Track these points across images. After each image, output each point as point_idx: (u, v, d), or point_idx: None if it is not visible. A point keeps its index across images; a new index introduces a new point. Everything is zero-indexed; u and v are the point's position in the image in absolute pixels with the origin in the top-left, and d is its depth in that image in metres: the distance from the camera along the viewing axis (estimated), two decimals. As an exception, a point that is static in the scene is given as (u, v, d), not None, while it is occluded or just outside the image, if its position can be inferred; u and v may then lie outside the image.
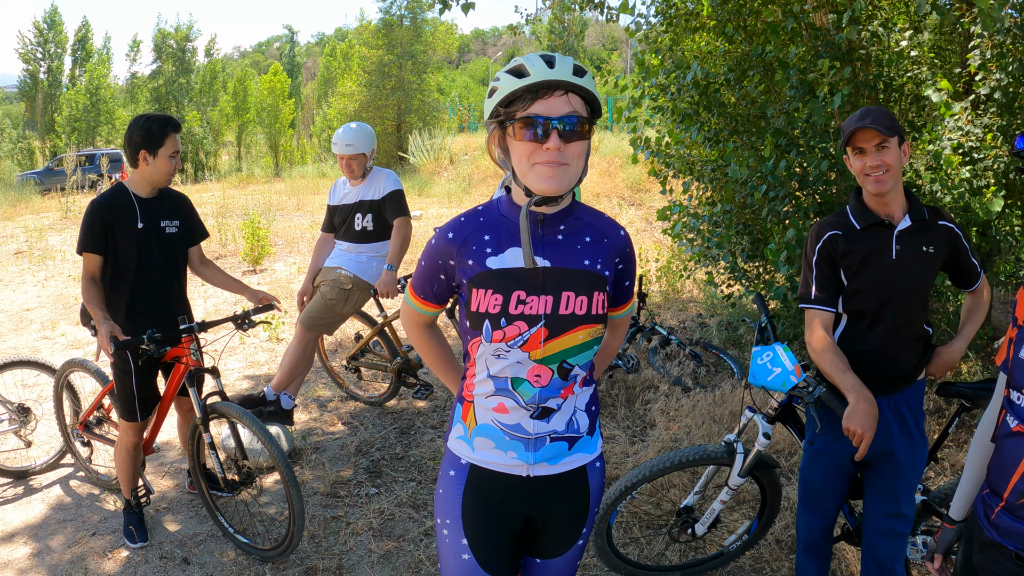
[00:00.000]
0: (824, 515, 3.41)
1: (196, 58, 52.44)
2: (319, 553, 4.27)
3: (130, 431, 4.30)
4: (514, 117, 1.97)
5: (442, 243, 2.15)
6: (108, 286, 4.09)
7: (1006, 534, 2.17)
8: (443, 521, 2.25)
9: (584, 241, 2.15)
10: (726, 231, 6.42)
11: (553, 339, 2.08)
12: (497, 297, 2.06)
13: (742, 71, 5.98)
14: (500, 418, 2.15)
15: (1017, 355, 2.18)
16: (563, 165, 1.97)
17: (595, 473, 2.31)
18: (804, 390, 3.13)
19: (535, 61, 1.96)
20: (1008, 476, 2.17)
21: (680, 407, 5.89)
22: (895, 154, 2.93)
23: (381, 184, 5.51)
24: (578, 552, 2.37)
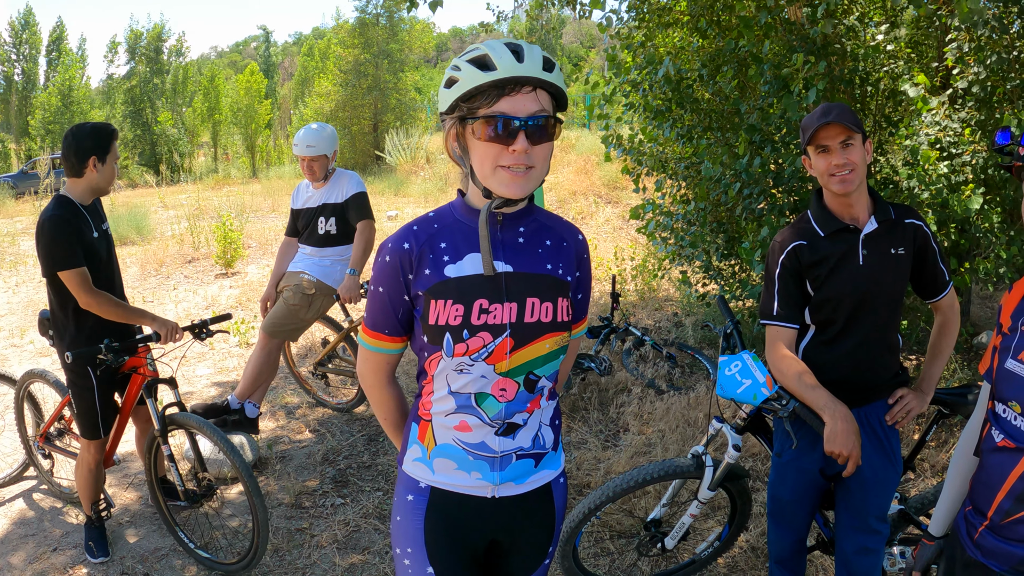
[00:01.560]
0: (795, 530, 3.30)
1: (169, 58, 52.06)
2: (282, 567, 4.15)
3: (93, 448, 4.16)
4: (476, 115, 1.82)
5: (398, 257, 1.96)
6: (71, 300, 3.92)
7: (990, 554, 2.09)
8: (403, 550, 2.10)
9: (545, 244, 2.03)
10: (700, 229, 6.35)
11: (519, 349, 1.95)
12: (458, 307, 1.92)
13: (716, 66, 5.93)
14: (462, 437, 2.01)
15: (1003, 365, 2.08)
16: (529, 168, 1.84)
17: (559, 489, 2.20)
18: (777, 402, 3.00)
19: (502, 53, 1.79)
20: (993, 494, 2.08)
21: (654, 410, 5.79)
22: (860, 152, 2.80)
23: (344, 187, 5.38)
24: (543, 571, 2.26)
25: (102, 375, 4.02)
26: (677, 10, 6.85)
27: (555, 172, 20.11)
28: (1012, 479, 2.01)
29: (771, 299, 3.02)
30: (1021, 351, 2.02)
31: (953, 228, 5.55)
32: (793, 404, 2.93)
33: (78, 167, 3.84)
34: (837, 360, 2.96)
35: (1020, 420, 2.00)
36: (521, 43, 1.82)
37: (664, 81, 6.04)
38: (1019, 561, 2.02)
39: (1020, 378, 2.00)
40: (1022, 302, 2.11)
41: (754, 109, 5.53)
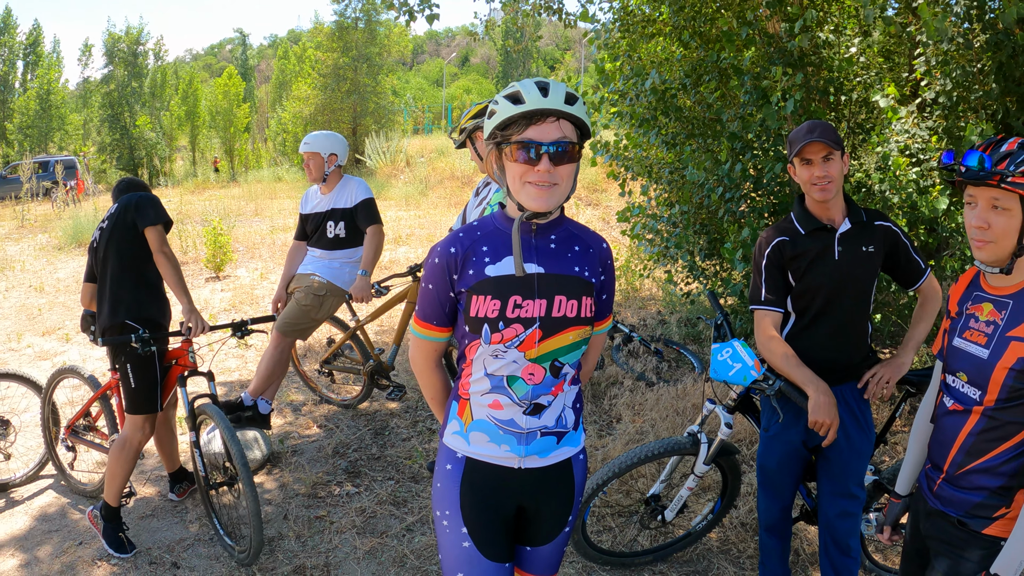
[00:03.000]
0: (781, 497, 3.66)
1: (147, 61, 51.88)
2: (306, 552, 4.42)
3: (145, 426, 4.46)
4: (509, 140, 2.17)
5: (445, 258, 2.30)
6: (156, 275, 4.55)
7: (948, 503, 2.47)
8: (442, 513, 2.41)
9: (574, 250, 2.35)
10: (684, 231, 6.64)
11: (547, 339, 2.27)
12: (495, 302, 2.24)
13: (698, 76, 6.18)
14: (495, 414, 2.33)
15: (951, 343, 2.53)
16: (553, 185, 2.17)
17: (579, 465, 2.51)
18: (764, 383, 3.37)
19: (530, 88, 2.14)
20: (947, 450, 2.49)
21: (644, 401, 6.11)
22: (838, 166, 3.21)
23: (352, 193, 5.67)
24: (565, 539, 2.56)
25: (160, 349, 4.45)
26: (661, 21, 7.14)
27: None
28: (962, 436, 2.44)
29: (759, 287, 3.43)
30: (966, 330, 2.46)
31: (922, 229, 5.88)
32: (779, 384, 3.32)
33: None
34: (815, 343, 3.36)
35: (967, 387, 2.42)
36: (549, 81, 2.17)
37: (650, 91, 6.33)
38: (972, 506, 2.40)
39: (964, 352, 2.45)
40: (966, 291, 2.54)
41: (735, 118, 5.78)
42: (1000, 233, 2.31)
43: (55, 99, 47.70)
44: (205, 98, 52.88)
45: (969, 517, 2.42)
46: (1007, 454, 2.35)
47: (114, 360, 4.52)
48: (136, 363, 4.39)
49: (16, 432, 5.50)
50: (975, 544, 2.41)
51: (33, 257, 14.70)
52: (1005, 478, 2.35)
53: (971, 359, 2.42)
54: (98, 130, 48.18)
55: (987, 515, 2.38)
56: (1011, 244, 2.33)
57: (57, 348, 8.64)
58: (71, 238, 15.30)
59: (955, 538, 2.46)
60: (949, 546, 2.48)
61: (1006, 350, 2.32)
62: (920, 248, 5.89)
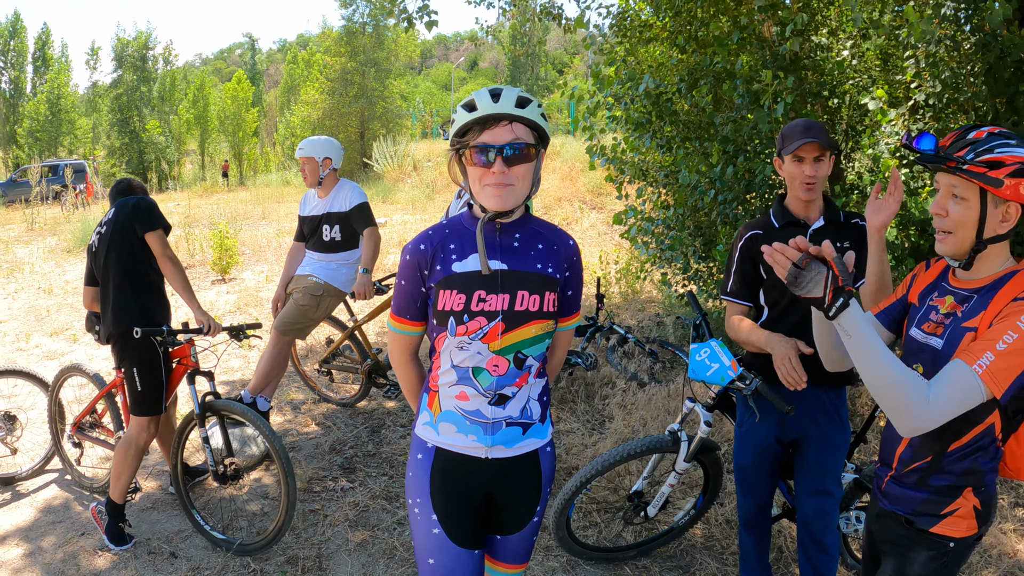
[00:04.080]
0: (758, 494, 3.72)
1: (156, 66, 52.11)
2: (299, 544, 4.54)
3: (150, 427, 4.58)
4: (467, 145, 2.29)
5: (416, 255, 2.43)
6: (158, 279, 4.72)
7: (896, 501, 2.43)
8: (414, 501, 2.53)
9: (537, 248, 2.46)
10: (679, 233, 6.74)
11: (509, 332, 2.38)
12: (461, 296, 2.36)
13: (694, 80, 6.28)
14: (462, 405, 2.44)
15: (908, 332, 2.47)
16: (509, 186, 2.29)
17: (546, 457, 2.62)
18: (741, 382, 3.45)
19: (483, 96, 2.27)
20: (895, 447, 2.45)
21: (636, 401, 6.22)
22: (826, 167, 3.26)
23: (347, 197, 5.81)
24: (533, 529, 2.67)
25: (164, 352, 4.57)
26: (657, 26, 7.24)
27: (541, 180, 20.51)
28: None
29: (728, 278, 3.54)
30: (925, 322, 2.39)
31: (913, 230, 5.98)
32: (755, 383, 3.39)
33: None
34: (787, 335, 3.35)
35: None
36: (502, 87, 2.30)
37: (644, 96, 6.43)
38: (919, 503, 2.36)
39: (920, 343, 2.38)
40: (933, 283, 2.46)
41: (728, 121, 5.89)
42: (956, 223, 2.24)
43: (65, 103, 47.97)
44: (214, 102, 53.10)
45: (916, 515, 2.38)
46: (956, 452, 2.30)
47: (120, 361, 4.64)
48: (142, 367, 4.51)
49: (23, 428, 5.64)
50: (922, 544, 2.37)
51: (42, 260, 14.89)
52: (953, 476, 2.31)
53: (927, 350, 2.35)
54: (107, 134, 48.50)
55: (934, 512, 2.34)
56: (970, 237, 2.24)
57: (64, 348, 8.79)
58: (80, 241, 15.47)
59: (902, 538, 2.43)
60: (896, 546, 2.45)
61: (960, 341, 2.23)
62: (911, 250, 5.99)
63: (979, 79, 5.33)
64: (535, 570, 4.25)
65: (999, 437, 2.30)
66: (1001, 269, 2.29)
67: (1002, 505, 4.89)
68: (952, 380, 2.08)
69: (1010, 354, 2.07)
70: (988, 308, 2.20)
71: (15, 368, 5.53)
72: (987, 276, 2.29)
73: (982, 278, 2.30)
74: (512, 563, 2.69)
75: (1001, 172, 2.13)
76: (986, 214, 2.20)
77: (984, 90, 5.29)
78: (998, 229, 2.22)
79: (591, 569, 4.29)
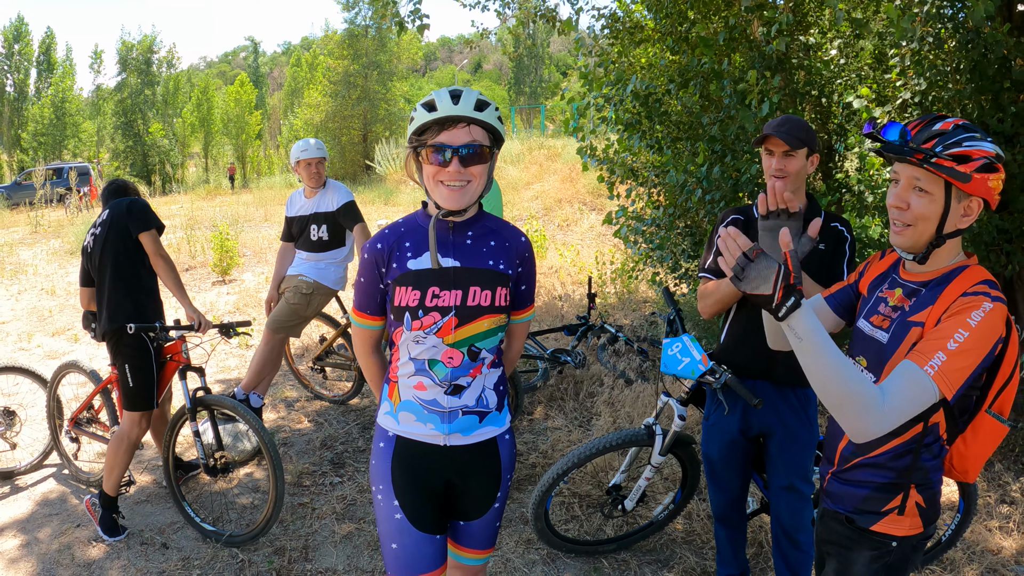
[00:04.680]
0: (728, 488, 3.80)
1: (160, 69, 52.25)
2: (287, 535, 4.65)
3: (142, 422, 4.70)
4: (424, 144, 2.39)
5: (374, 253, 2.53)
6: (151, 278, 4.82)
7: (837, 499, 2.41)
8: (377, 487, 2.64)
9: (489, 245, 2.56)
10: (668, 233, 6.84)
11: (462, 326, 2.48)
12: (415, 292, 2.46)
13: (684, 80, 6.34)
14: (419, 395, 2.54)
15: (855, 324, 2.46)
16: (464, 185, 2.39)
17: (505, 445, 2.72)
18: (711, 376, 3.53)
19: (443, 97, 2.37)
20: (836, 444, 2.43)
21: (623, 398, 6.31)
22: (798, 163, 3.30)
23: (334, 197, 5.96)
24: (495, 515, 2.77)
25: (156, 348, 4.68)
26: (649, 27, 7.33)
27: (541, 180, 20.59)
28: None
29: (706, 258, 3.59)
30: (873, 314, 2.36)
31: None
32: (725, 377, 3.47)
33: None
34: (757, 325, 3.32)
35: (866, 374, 2.28)
36: (462, 89, 2.39)
37: (633, 96, 6.52)
38: (860, 500, 2.33)
39: (866, 336, 2.35)
40: (883, 274, 2.44)
41: (715, 121, 5.98)
42: (918, 216, 2.14)
43: (69, 107, 48.14)
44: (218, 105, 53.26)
45: (857, 513, 2.35)
46: (897, 450, 2.26)
47: (113, 358, 4.75)
48: (133, 363, 4.62)
49: (22, 424, 5.76)
50: (864, 543, 2.34)
51: (46, 261, 15.03)
52: (894, 473, 2.28)
53: (872, 343, 2.32)
54: (111, 137, 48.68)
55: (875, 510, 2.31)
56: (930, 231, 2.16)
57: (66, 348, 8.92)
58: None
59: (844, 538, 2.39)
60: (838, 547, 2.42)
61: (906, 336, 2.20)
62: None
63: (964, 76, 5.37)
64: (515, 562, 4.35)
65: (944, 436, 2.28)
66: (951, 263, 2.23)
67: (988, 502, 4.96)
68: (904, 383, 2.02)
69: (961, 354, 2.02)
70: (936, 303, 2.16)
71: (15, 365, 5.66)
72: (937, 270, 2.24)
73: (932, 271, 2.25)
74: (476, 548, 2.79)
75: (969, 167, 2.07)
76: (949, 208, 2.12)
77: (969, 87, 5.33)
78: (959, 224, 2.16)
79: (571, 562, 4.38)
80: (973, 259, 2.25)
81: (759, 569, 4.34)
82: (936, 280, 2.23)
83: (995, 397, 2.26)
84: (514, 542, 4.55)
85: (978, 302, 2.08)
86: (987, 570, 4.30)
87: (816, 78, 6.28)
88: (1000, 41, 4.86)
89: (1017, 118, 5.21)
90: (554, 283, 11.12)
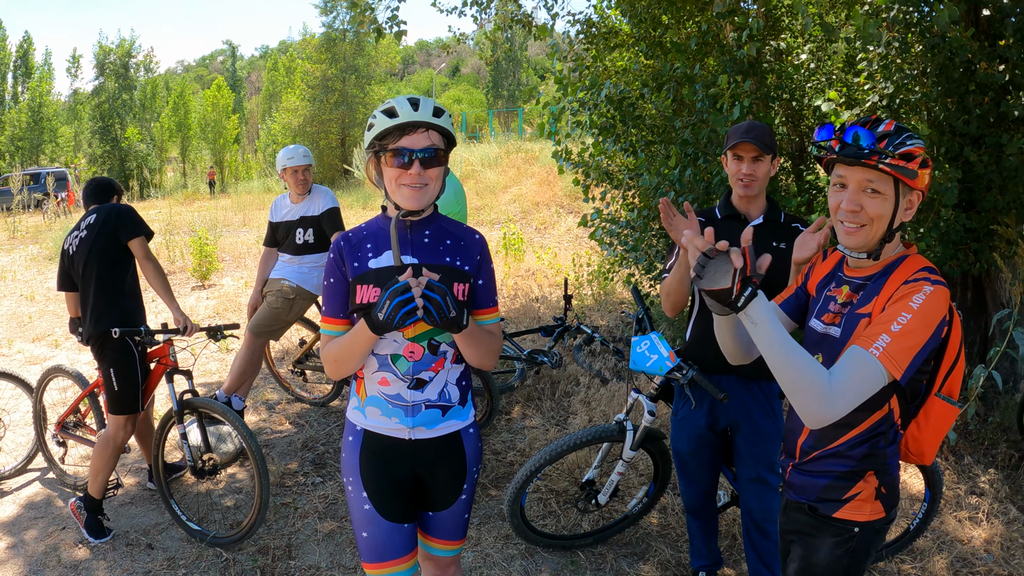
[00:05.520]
0: (698, 480, 3.93)
1: (138, 73, 51.95)
2: (270, 534, 4.74)
3: (128, 425, 4.76)
4: (386, 148, 2.51)
5: (338, 252, 2.65)
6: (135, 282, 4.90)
7: (800, 490, 2.49)
8: (347, 479, 2.76)
9: (445, 243, 2.68)
10: (642, 235, 6.97)
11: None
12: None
13: (658, 85, 6.46)
14: (384, 390, 2.66)
15: (808, 324, 2.54)
16: (424, 186, 2.53)
17: (469, 438, 2.84)
18: (678, 372, 3.67)
19: (403, 104, 2.50)
20: (797, 438, 2.51)
21: (599, 397, 6.45)
22: (766, 167, 3.47)
23: (320, 201, 6.05)
24: (463, 506, 2.88)
25: (140, 353, 4.75)
26: (623, 33, 7.45)
27: (519, 183, 20.70)
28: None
29: (668, 260, 3.74)
30: (824, 313, 2.45)
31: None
32: (691, 373, 3.62)
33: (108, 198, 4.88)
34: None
35: None
36: (419, 97, 2.53)
37: (607, 101, 6.65)
38: (821, 490, 2.42)
39: (820, 334, 2.44)
40: (829, 274, 2.54)
41: (688, 125, 6.10)
42: (874, 216, 2.23)
43: (47, 112, 47.83)
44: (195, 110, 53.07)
45: (819, 502, 2.42)
46: (855, 439, 2.35)
47: (99, 362, 4.82)
48: (118, 367, 4.69)
49: (5, 428, 5.83)
50: (827, 530, 2.41)
51: (24, 267, 15.03)
52: (853, 461, 2.36)
53: (827, 340, 2.40)
54: (89, 142, 48.43)
55: (836, 498, 2.38)
56: (882, 229, 2.25)
57: (46, 353, 8.96)
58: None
59: (807, 526, 2.46)
60: (802, 535, 2.49)
61: (855, 328, 2.28)
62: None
63: (930, 79, 5.51)
64: (495, 557, 4.47)
65: (898, 422, 2.37)
66: (892, 255, 2.35)
67: (957, 493, 5.13)
68: (851, 366, 2.10)
69: (905, 334, 2.10)
70: (881, 293, 2.26)
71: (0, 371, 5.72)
72: (879, 263, 2.35)
73: (874, 265, 2.36)
74: (446, 539, 2.91)
75: (915, 164, 2.19)
76: (899, 204, 2.24)
77: (936, 90, 5.47)
78: (903, 218, 2.27)
79: (549, 556, 4.50)
80: (912, 249, 2.36)
81: (732, 560, 4.47)
82: (879, 272, 2.33)
83: (944, 380, 2.37)
84: (493, 538, 4.67)
85: (919, 287, 2.18)
86: (957, 559, 4.45)
87: (787, 82, 6.41)
88: (965, 45, 5.00)
89: (982, 120, 5.35)
90: (531, 285, 11.25)
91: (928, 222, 5.70)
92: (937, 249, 5.68)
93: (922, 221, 5.78)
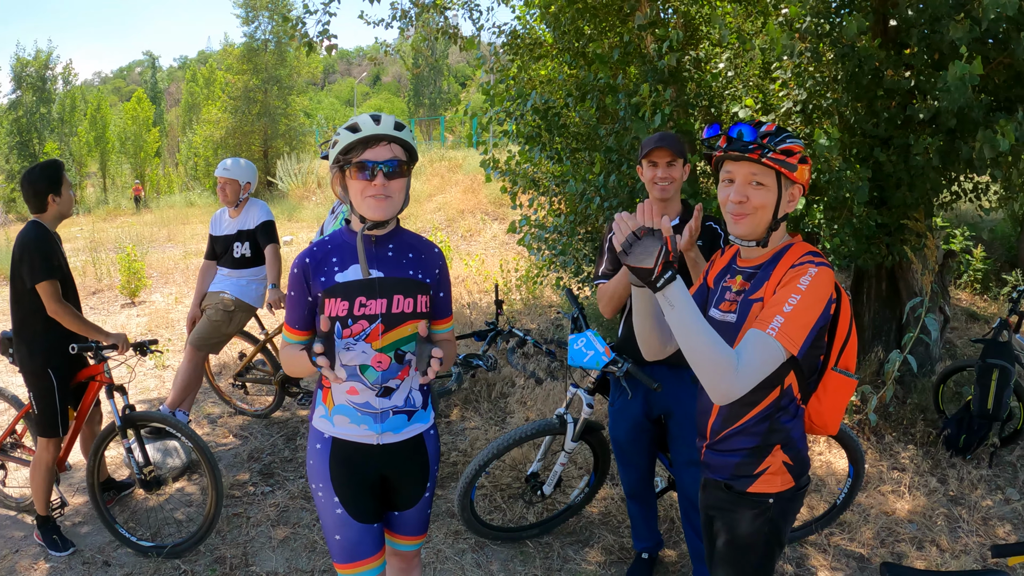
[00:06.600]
0: (637, 466, 4.19)
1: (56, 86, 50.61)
2: (225, 544, 4.85)
3: (51, 446, 4.79)
4: (350, 162, 2.65)
5: (302, 267, 2.77)
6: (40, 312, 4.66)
7: (715, 469, 2.68)
8: (317, 485, 2.90)
9: (408, 257, 2.84)
10: (569, 239, 7.20)
11: (389, 332, 2.76)
12: (344, 303, 2.71)
13: (582, 94, 6.71)
14: (352, 399, 2.81)
15: (707, 314, 2.72)
16: (388, 198, 2.67)
17: (430, 439, 3.03)
18: (614, 366, 3.91)
19: (366, 120, 2.65)
20: (707, 419, 2.70)
21: (535, 396, 6.69)
22: (679, 171, 3.74)
23: (255, 215, 6.18)
24: (426, 503, 3.08)
25: (60, 378, 4.72)
26: (548, 44, 7.68)
27: (443, 192, 20.84)
28: (718, 405, 2.64)
29: (599, 265, 3.95)
30: (721, 302, 2.66)
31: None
32: (626, 366, 3.86)
33: (41, 204, 4.62)
34: None
35: None
36: (381, 114, 2.69)
37: (532, 111, 6.87)
38: (734, 467, 2.60)
39: (718, 322, 2.63)
40: (725, 267, 2.74)
41: (611, 132, 6.33)
42: (758, 206, 2.44)
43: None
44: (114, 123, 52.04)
45: (733, 479, 2.60)
46: (759, 416, 2.52)
47: (25, 384, 4.81)
48: (38, 393, 4.72)
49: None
50: (744, 504, 2.58)
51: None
52: (759, 437, 2.53)
53: (724, 327, 2.57)
54: (6, 158, 47.12)
55: (748, 473, 2.56)
56: (767, 218, 2.46)
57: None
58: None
59: (725, 502, 2.64)
60: (722, 511, 2.66)
61: (749, 313, 2.49)
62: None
63: (841, 86, 5.83)
64: (446, 552, 4.66)
65: (798, 396, 2.56)
66: (780, 244, 2.57)
67: (880, 470, 5.52)
68: (752, 347, 2.28)
69: (797, 313, 2.31)
70: (771, 278, 2.47)
71: None
72: (768, 252, 2.57)
73: (764, 254, 2.58)
74: (411, 535, 3.10)
75: (794, 159, 2.42)
76: (781, 196, 2.46)
77: (846, 96, 5.80)
78: (786, 208, 2.49)
79: (498, 548, 4.71)
80: (797, 237, 2.59)
81: (672, 542, 4.75)
82: (768, 261, 2.55)
83: (839, 355, 2.62)
84: (443, 534, 4.86)
85: (804, 269, 2.40)
86: (883, 529, 4.82)
87: (706, 89, 6.70)
88: (873, 54, 5.31)
89: (890, 122, 5.68)
90: (461, 292, 11.44)
91: (842, 219, 6.00)
92: (852, 244, 6.00)
93: (836, 218, 6.08)
